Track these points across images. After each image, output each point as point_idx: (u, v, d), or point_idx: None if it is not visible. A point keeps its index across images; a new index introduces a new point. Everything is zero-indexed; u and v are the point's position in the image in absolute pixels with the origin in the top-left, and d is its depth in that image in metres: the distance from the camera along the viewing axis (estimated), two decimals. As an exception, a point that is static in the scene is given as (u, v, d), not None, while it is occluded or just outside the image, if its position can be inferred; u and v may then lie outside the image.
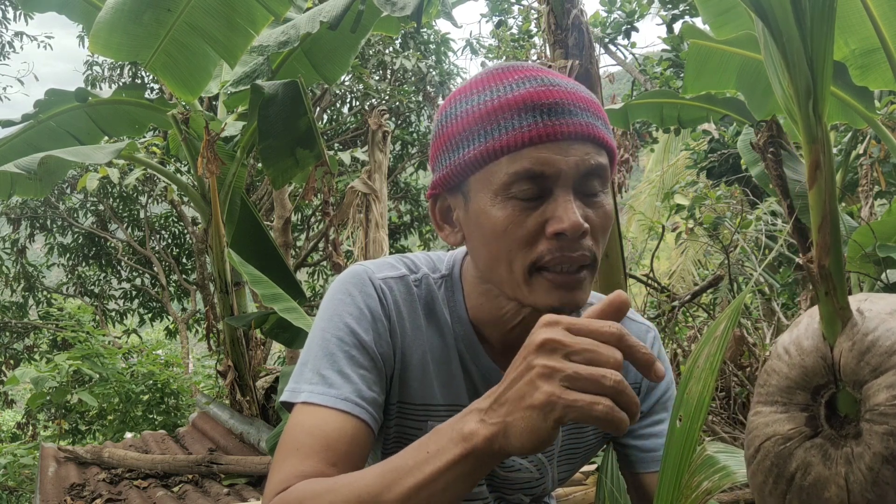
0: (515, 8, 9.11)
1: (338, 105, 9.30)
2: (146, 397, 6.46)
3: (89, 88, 7.85)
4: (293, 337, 3.71)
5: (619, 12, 7.87)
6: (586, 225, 0.76)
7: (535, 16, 8.23)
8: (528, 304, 0.81)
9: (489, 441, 0.63)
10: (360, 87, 8.54)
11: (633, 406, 0.59)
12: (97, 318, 9.02)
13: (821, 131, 0.69)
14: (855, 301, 0.64)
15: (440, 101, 7.40)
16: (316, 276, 10.03)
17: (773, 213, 4.34)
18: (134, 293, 10.15)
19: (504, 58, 8.34)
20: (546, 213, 0.77)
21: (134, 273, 10.17)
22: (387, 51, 8.59)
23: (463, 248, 0.93)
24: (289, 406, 0.85)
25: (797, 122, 0.71)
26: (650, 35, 51.77)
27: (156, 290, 9.95)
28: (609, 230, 0.82)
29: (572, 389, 0.59)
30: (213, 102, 6.04)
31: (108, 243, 9.88)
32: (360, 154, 6.30)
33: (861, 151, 4.05)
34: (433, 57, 8.89)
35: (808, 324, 0.67)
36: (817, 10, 0.69)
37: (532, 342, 0.63)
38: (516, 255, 0.78)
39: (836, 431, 0.61)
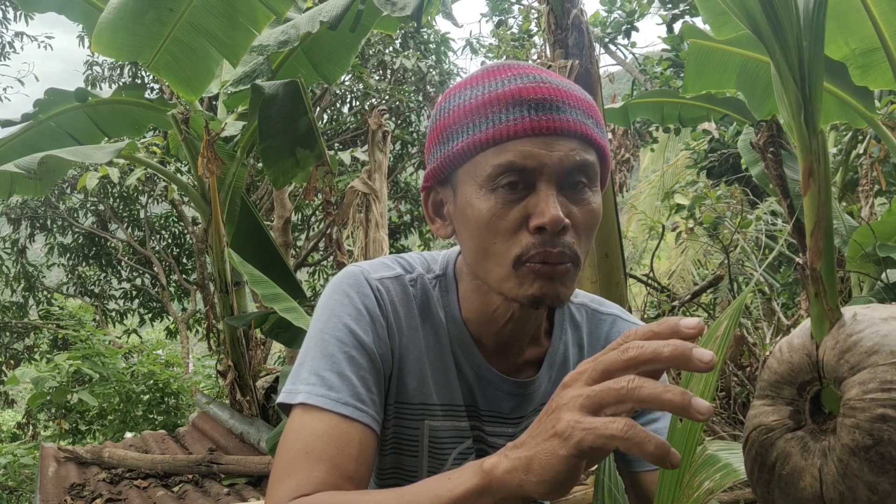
0: (515, 7, 9.12)
1: (338, 105, 9.29)
2: (146, 397, 6.45)
3: (89, 88, 7.86)
4: (293, 337, 3.71)
5: (619, 12, 7.87)
6: (566, 220, 0.76)
7: (535, 15, 8.22)
8: (512, 297, 0.80)
9: (508, 474, 0.62)
10: (360, 86, 8.53)
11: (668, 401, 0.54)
12: (97, 318, 9.02)
13: (815, 142, 0.70)
14: (858, 308, 0.65)
15: (440, 101, 7.38)
16: (316, 276, 10.02)
17: (773, 213, 4.34)
18: (134, 293, 10.15)
19: (504, 57, 8.33)
20: (528, 207, 0.77)
21: (134, 273, 10.17)
22: (387, 50, 8.59)
23: (457, 248, 0.93)
24: (285, 408, 0.85)
25: (793, 131, 0.72)
26: (650, 35, 51.77)
27: (156, 290, 9.94)
28: (595, 229, 0.82)
29: (592, 415, 0.57)
30: (213, 102, 6.04)
31: (109, 243, 9.87)
32: (360, 154, 6.30)
33: (861, 151, 4.05)
34: (433, 57, 8.89)
35: (803, 324, 0.70)
36: (805, 29, 0.70)
37: (560, 385, 0.63)
38: (501, 247, 0.78)
39: (817, 426, 0.63)
